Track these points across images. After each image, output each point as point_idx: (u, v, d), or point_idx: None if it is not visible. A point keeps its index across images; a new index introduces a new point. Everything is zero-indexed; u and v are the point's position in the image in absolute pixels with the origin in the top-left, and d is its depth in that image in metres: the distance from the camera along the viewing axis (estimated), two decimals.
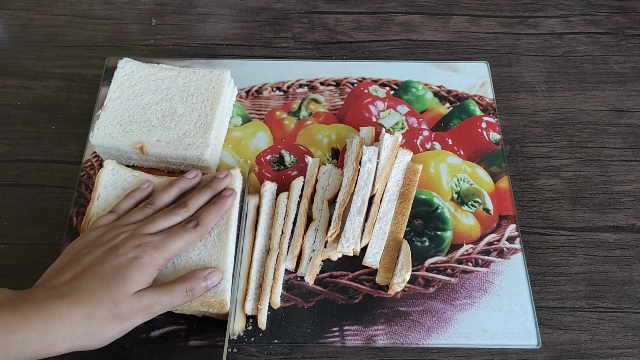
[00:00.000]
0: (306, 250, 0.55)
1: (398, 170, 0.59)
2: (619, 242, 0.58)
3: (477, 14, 0.76)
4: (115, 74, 0.62)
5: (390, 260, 0.54)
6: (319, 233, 0.55)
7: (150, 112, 0.60)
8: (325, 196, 0.58)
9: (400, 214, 0.57)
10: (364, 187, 0.56)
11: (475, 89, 0.68)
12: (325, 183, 0.59)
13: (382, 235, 0.56)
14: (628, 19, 0.76)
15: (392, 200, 0.58)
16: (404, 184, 0.58)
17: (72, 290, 0.43)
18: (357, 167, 0.57)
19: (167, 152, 0.57)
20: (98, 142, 0.58)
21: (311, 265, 0.54)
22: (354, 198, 0.56)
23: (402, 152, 0.60)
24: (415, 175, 0.58)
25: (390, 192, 0.58)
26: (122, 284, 0.44)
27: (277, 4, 0.77)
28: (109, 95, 0.61)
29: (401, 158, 0.60)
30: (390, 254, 0.55)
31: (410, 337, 0.52)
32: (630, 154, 0.64)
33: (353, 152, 0.59)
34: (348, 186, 0.56)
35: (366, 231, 0.55)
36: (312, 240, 0.55)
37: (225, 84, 0.62)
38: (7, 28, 0.74)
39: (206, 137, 0.58)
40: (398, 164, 0.59)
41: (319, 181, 0.59)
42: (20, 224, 0.58)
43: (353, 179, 0.56)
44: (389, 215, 0.57)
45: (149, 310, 0.45)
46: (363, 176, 0.57)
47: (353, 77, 0.69)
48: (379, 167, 0.58)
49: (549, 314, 0.54)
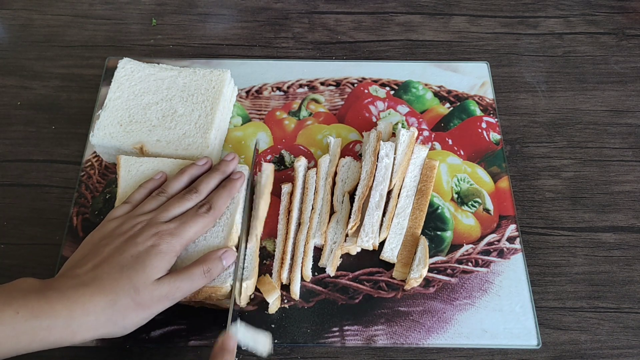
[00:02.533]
0: (328, 242, 0.55)
1: (415, 165, 0.60)
2: (619, 242, 0.58)
3: (477, 14, 0.76)
4: (116, 73, 0.62)
5: (407, 255, 0.55)
6: (339, 225, 0.56)
7: (151, 112, 0.60)
8: (345, 188, 0.58)
9: (418, 209, 0.57)
10: (382, 182, 0.57)
11: (475, 89, 0.68)
12: (344, 176, 0.59)
13: (400, 230, 0.56)
14: (628, 19, 0.76)
15: (409, 195, 0.58)
16: (421, 180, 0.59)
17: (94, 279, 0.44)
18: (374, 161, 0.57)
19: (167, 152, 0.57)
20: (98, 142, 0.58)
21: (332, 257, 0.54)
22: (372, 193, 0.56)
23: (418, 147, 0.60)
24: (432, 172, 0.59)
25: (407, 187, 0.58)
26: (142, 272, 0.45)
27: (277, 4, 0.77)
28: (109, 95, 0.61)
29: (417, 154, 0.60)
30: (407, 249, 0.55)
31: (410, 337, 0.52)
32: (631, 154, 0.64)
33: (370, 145, 0.59)
34: (367, 179, 0.57)
35: (384, 226, 0.56)
36: (334, 232, 0.56)
37: (226, 84, 0.62)
38: (7, 28, 0.74)
39: (206, 138, 0.58)
40: (415, 160, 0.60)
41: (338, 174, 0.59)
42: (20, 224, 0.58)
43: (371, 172, 0.57)
44: (407, 211, 0.57)
45: (171, 297, 0.46)
46: (381, 171, 0.57)
47: (353, 77, 0.69)
48: (396, 162, 0.58)
49: (549, 314, 0.54)
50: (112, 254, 0.46)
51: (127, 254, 0.46)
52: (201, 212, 0.50)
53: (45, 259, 0.56)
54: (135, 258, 0.45)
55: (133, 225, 0.49)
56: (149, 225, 0.48)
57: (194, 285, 0.47)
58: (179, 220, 0.50)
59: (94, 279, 0.44)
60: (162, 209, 0.51)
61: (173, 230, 0.48)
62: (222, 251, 0.50)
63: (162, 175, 0.55)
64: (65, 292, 0.42)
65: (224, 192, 0.53)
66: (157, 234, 0.47)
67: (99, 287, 0.43)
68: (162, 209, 0.51)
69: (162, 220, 0.49)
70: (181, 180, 0.54)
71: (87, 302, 0.42)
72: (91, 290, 0.43)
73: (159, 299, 0.45)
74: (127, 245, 0.46)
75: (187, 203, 0.51)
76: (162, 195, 0.53)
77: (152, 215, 0.50)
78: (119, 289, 0.43)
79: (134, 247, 0.46)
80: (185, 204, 0.51)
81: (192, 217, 0.50)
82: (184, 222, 0.49)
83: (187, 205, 0.51)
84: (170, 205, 0.51)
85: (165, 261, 0.46)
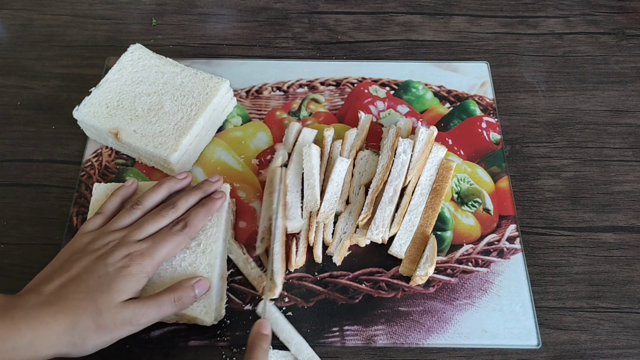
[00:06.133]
0: (338, 231, 0.56)
1: (432, 164, 0.60)
2: (619, 242, 0.58)
3: (477, 14, 0.76)
4: (122, 56, 0.63)
5: (416, 252, 0.55)
6: (351, 216, 0.56)
7: (139, 102, 0.60)
8: (362, 181, 0.59)
9: (431, 208, 0.57)
10: (397, 177, 0.57)
11: (475, 89, 0.68)
12: (362, 168, 0.60)
13: (411, 227, 0.56)
14: (628, 19, 0.76)
15: (424, 194, 0.58)
16: (436, 179, 0.59)
17: (59, 299, 0.43)
18: (391, 156, 0.57)
19: (138, 145, 0.57)
20: (80, 117, 0.59)
21: (340, 246, 0.55)
22: (386, 188, 0.56)
23: (437, 147, 0.60)
24: (448, 172, 0.59)
25: (422, 185, 0.58)
26: (106, 293, 0.44)
27: (277, 4, 0.77)
28: (107, 75, 0.61)
29: (435, 153, 0.60)
30: (416, 246, 0.55)
31: (410, 337, 0.52)
32: (630, 154, 0.64)
33: (389, 140, 0.59)
34: (382, 173, 0.57)
35: (395, 221, 0.56)
36: (345, 222, 0.56)
37: (220, 92, 0.61)
38: (7, 28, 0.74)
39: (178, 141, 0.57)
40: (432, 159, 0.60)
41: (356, 166, 0.60)
42: (20, 224, 0.58)
43: (387, 166, 0.57)
44: (420, 209, 0.57)
45: (135, 323, 0.44)
46: (397, 167, 0.57)
47: (353, 77, 0.69)
48: (413, 159, 0.58)
49: (549, 314, 0.54)
50: (80, 273, 0.45)
51: (95, 274, 0.45)
52: (175, 230, 0.49)
53: (45, 259, 0.55)
54: (102, 279, 0.44)
55: (105, 243, 0.47)
56: (121, 244, 0.47)
57: (162, 312, 0.46)
58: (152, 239, 0.48)
59: (59, 299, 0.43)
60: (136, 225, 0.49)
61: (145, 250, 0.47)
62: (195, 280, 0.48)
63: (134, 182, 0.54)
64: (29, 310, 0.42)
65: (202, 210, 0.51)
66: (128, 255, 0.46)
67: (63, 307, 0.42)
68: (136, 226, 0.49)
69: (135, 239, 0.48)
70: (159, 192, 0.52)
71: (50, 322, 0.41)
72: (55, 309, 0.42)
73: (122, 323, 0.44)
74: (96, 265, 0.45)
75: (163, 220, 0.50)
76: (137, 208, 0.51)
77: (125, 232, 0.48)
78: (81, 310, 0.43)
79: (103, 267, 0.45)
80: (161, 220, 0.49)
81: (165, 236, 0.48)
82: (156, 241, 0.48)
83: (162, 222, 0.50)
84: (145, 222, 0.49)
85: (134, 282, 0.45)
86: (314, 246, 0.55)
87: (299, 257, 0.55)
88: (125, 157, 0.62)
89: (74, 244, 0.49)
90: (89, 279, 0.44)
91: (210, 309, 0.48)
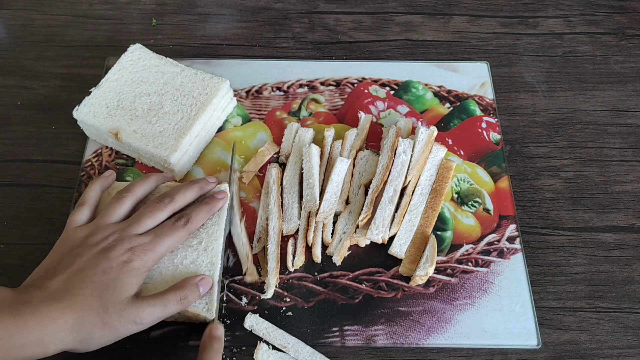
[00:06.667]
0: (338, 231, 0.56)
1: (432, 165, 0.60)
2: (619, 242, 0.58)
3: (477, 14, 0.76)
4: (122, 56, 0.63)
5: (416, 252, 0.55)
6: (351, 216, 0.56)
7: (139, 102, 0.60)
8: (362, 181, 0.59)
9: (431, 208, 0.57)
10: (397, 177, 0.57)
11: (475, 89, 0.68)
12: (362, 168, 0.60)
13: (411, 227, 0.56)
14: (628, 19, 0.76)
15: (424, 194, 0.58)
16: (436, 180, 0.59)
17: (65, 294, 0.43)
18: (391, 156, 0.57)
19: (138, 145, 0.57)
20: (80, 117, 0.59)
21: (340, 246, 0.55)
22: (386, 188, 0.56)
23: (437, 147, 0.60)
24: (448, 172, 0.59)
25: (422, 185, 0.58)
26: (112, 290, 0.44)
27: (277, 4, 0.77)
28: (107, 75, 0.61)
29: (435, 153, 0.60)
30: (416, 246, 0.55)
31: (410, 337, 0.52)
32: (630, 154, 0.64)
33: (389, 140, 0.59)
34: (382, 173, 0.57)
35: (395, 221, 0.56)
36: (345, 222, 0.56)
37: (220, 93, 0.61)
38: (7, 28, 0.74)
39: (178, 141, 0.57)
40: (432, 159, 0.60)
41: (356, 166, 0.60)
42: (20, 224, 0.58)
43: (387, 166, 0.57)
44: (420, 209, 0.57)
45: (140, 321, 0.44)
46: (397, 167, 0.57)
47: (353, 77, 0.69)
48: (413, 159, 0.58)
49: (549, 314, 0.54)
50: (84, 267, 0.45)
51: (99, 269, 0.44)
52: (178, 225, 0.49)
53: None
54: (107, 274, 0.44)
55: (105, 237, 0.47)
56: (122, 238, 0.47)
57: (167, 311, 0.46)
58: (153, 233, 0.48)
59: (65, 294, 0.43)
60: (134, 219, 0.49)
61: (147, 245, 0.47)
62: (199, 278, 0.48)
63: (112, 172, 0.55)
64: (37, 306, 0.42)
65: (205, 207, 0.51)
66: (130, 249, 0.46)
67: (70, 302, 0.42)
68: (134, 220, 0.49)
69: (135, 233, 0.48)
70: (148, 183, 0.52)
71: (58, 318, 0.42)
72: (62, 305, 0.42)
73: (127, 321, 0.44)
74: (99, 260, 0.45)
75: (160, 214, 0.49)
76: (127, 197, 0.50)
77: (123, 225, 0.48)
78: (87, 307, 0.43)
79: (106, 261, 0.45)
80: (159, 214, 0.49)
81: (167, 231, 0.48)
82: (158, 236, 0.48)
83: (160, 216, 0.49)
84: (143, 215, 0.49)
85: (137, 277, 0.45)
86: (313, 246, 0.55)
87: (298, 257, 0.55)
88: (125, 157, 0.62)
89: (69, 237, 0.49)
90: (94, 274, 0.44)
91: (212, 305, 0.48)
